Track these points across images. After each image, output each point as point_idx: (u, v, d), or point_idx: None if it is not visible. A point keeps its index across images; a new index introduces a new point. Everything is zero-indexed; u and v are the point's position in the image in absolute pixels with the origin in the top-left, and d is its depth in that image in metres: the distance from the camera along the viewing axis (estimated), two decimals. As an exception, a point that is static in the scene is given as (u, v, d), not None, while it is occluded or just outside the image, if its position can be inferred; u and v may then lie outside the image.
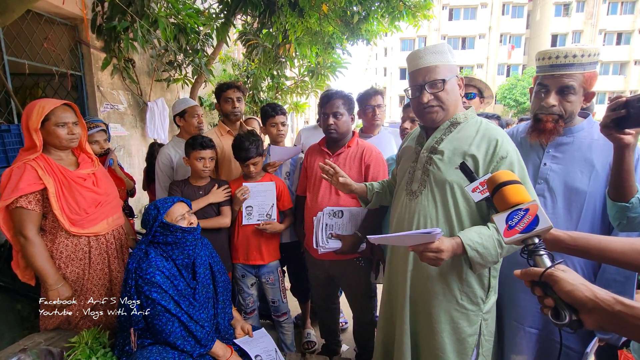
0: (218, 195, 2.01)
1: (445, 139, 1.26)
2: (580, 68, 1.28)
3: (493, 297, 1.29)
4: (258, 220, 2.01)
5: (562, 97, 1.31)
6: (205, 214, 1.99)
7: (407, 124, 1.97)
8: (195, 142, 1.99)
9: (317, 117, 2.63)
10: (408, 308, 1.32)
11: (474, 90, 2.05)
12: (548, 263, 0.73)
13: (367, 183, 1.63)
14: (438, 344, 1.25)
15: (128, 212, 2.35)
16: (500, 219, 0.80)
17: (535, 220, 0.76)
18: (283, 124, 2.30)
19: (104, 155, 2.23)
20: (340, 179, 1.53)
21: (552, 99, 1.31)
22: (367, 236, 1.17)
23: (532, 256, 0.76)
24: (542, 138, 1.37)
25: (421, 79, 1.24)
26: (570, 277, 0.66)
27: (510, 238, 0.78)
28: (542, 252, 0.75)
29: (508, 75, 27.62)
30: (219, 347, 1.53)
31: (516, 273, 0.75)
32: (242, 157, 1.98)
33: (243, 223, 2.01)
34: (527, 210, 0.77)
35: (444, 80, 1.22)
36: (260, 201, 2.02)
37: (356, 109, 2.08)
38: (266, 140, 2.46)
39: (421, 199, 1.26)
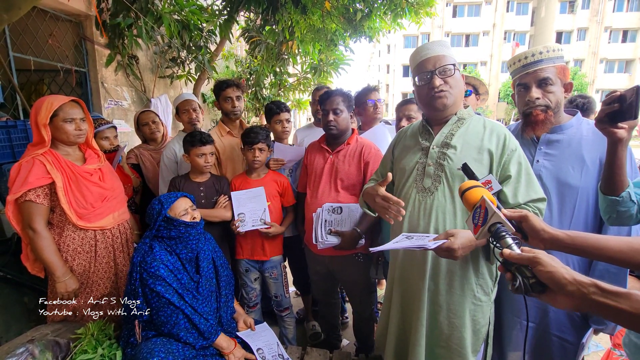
0: (221, 213, 2.03)
1: (455, 133, 1.29)
2: (550, 62, 1.36)
3: (496, 286, 1.33)
4: (253, 226, 1.99)
5: (543, 90, 1.37)
6: (207, 203, 2.03)
7: (404, 122, 1.93)
8: (194, 139, 1.98)
9: (312, 114, 2.66)
10: (426, 308, 1.29)
11: (469, 87, 2.12)
12: (511, 241, 0.80)
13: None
14: (457, 339, 1.27)
15: (134, 208, 2.37)
16: (469, 222, 0.91)
17: (487, 211, 0.85)
18: (287, 121, 2.34)
19: (113, 152, 2.25)
20: None
21: (535, 92, 1.37)
22: (370, 249, 1.22)
23: (498, 241, 0.83)
24: (537, 130, 1.40)
25: (431, 66, 1.27)
26: (553, 261, 0.72)
27: (478, 234, 0.86)
28: (503, 233, 0.82)
29: (512, 72, 27.38)
30: (223, 340, 1.56)
31: (500, 269, 0.81)
32: (249, 142, 1.99)
33: (238, 230, 1.96)
34: (480, 206, 0.88)
35: (454, 65, 1.27)
36: (252, 207, 2.00)
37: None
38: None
39: (437, 196, 1.26)
